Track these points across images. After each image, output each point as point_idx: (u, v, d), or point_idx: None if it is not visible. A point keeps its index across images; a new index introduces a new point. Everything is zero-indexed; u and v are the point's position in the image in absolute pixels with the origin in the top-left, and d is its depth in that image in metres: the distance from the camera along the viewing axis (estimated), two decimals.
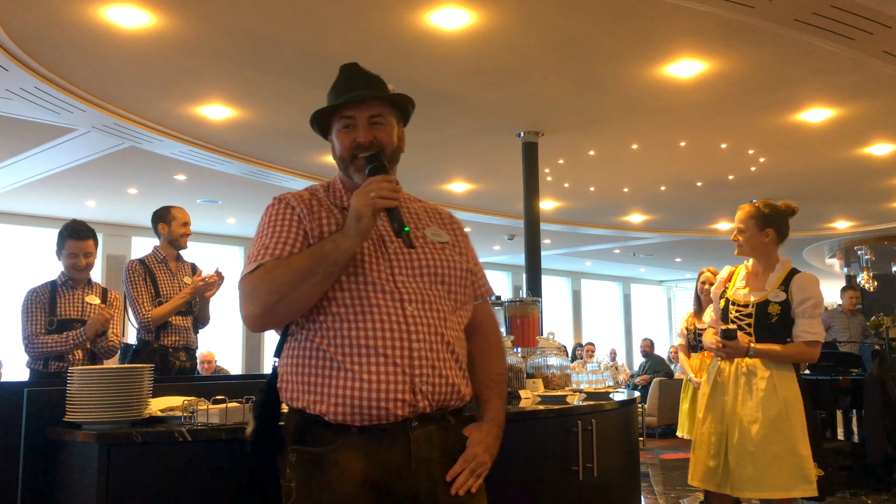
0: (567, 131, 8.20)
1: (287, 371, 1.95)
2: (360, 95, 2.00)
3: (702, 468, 3.51)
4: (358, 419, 1.83)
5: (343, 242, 1.84)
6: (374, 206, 1.83)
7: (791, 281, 3.55)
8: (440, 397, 1.90)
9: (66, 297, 4.26)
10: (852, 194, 11.65)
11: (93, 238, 4.31)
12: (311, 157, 9.10)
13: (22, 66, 6.12)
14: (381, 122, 2.02)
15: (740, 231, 3.66)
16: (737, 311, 3.60)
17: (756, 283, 3.64)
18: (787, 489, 3.35)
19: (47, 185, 10.25)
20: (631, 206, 12.41)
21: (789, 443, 3.38)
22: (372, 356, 1.83)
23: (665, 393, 10.67)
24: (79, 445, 2.20)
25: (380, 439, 1.85)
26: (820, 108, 7.45)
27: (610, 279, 22.72)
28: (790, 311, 3.53)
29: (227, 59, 6.16)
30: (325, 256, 1.82)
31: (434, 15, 5.33)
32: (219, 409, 2.36)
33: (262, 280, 1.84)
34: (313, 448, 1.86)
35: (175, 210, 4.91)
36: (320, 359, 1.88)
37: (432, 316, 1.92)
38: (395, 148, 2.04)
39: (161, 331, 4.64)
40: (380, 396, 1.82)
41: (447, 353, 1.92)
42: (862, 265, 15.15)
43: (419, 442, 1.87)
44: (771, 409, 3.41)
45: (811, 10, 5.10)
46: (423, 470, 1.87)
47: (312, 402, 1.86)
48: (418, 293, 1.92)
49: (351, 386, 1.83)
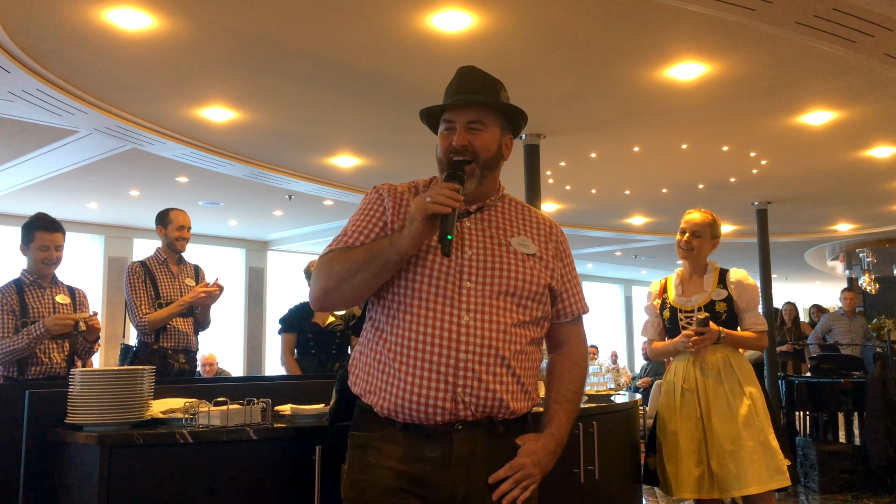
0: (569, 134, 8.20)
1: (355, 356, 2.07)
2: (462, 100, 2.04)
3: (689, 478, 3.52)
4: (401, 416, 1.90)
5: (397, 243, 1.87)
6: (426, 211, 1.82)
7: (726, 278, 3.71)
8: (484, 409, 1.90)
9: (36, 297, 4.10)
10: (854, 197, 11.65)
11: (62, 232, 4.19)
12: (312, 159, 9.11)
13: (24, 68, 6.13)
14: (479, 128, 2.03)
15: (695, 235, 3.75)
16: (686, 316, 3.67)
17: (692, 288, 3.77)
18: (765, 483, 3.42)
19: (49, 187, 10.25)
20: (632, 208, 12.40)
21: (762, 436, 3.47)
22: (417, 361, 1.88)
23: None
24: (80, 447, 2.20)
25: (422, 437, 1.90)
26: (821, 110, 7.44)
27: (611, 281, 22.71)
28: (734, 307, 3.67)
29: (229, 62, 6.17)
30: (380, 254, 1.88)
31: (436, 17, 5.34)
32: (220, 411, 2.36)
33: (326, 264, 1.94)
34: (363, 433, 1.96)
35: (173, 213, 4.90)
36: (378, 353, 1.96)
37: (490, 328, 1.90)
38: (491, 155, 2.05)
39: (161, 333, 4.64)
40: (419, 401, 1.87)
41: (499, 367, 1.90)
42: (863, 268, 15.14)
43: (462, 442, 1.89)
44: (741, 406, 3.49)
45: (812, 13, 5.10)
46: (462, 471, 1.88)
47: (366, 391, 1.97)
48: (481, 303, 1.91)
49: (396, 385, 1.89)
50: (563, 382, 2.12)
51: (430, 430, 1.89)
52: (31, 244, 4.13)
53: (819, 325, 9.78)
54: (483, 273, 1.95)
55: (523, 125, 2.18)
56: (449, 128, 2.04)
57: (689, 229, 3.78)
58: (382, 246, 1.88)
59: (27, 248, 4.15)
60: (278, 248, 15.37)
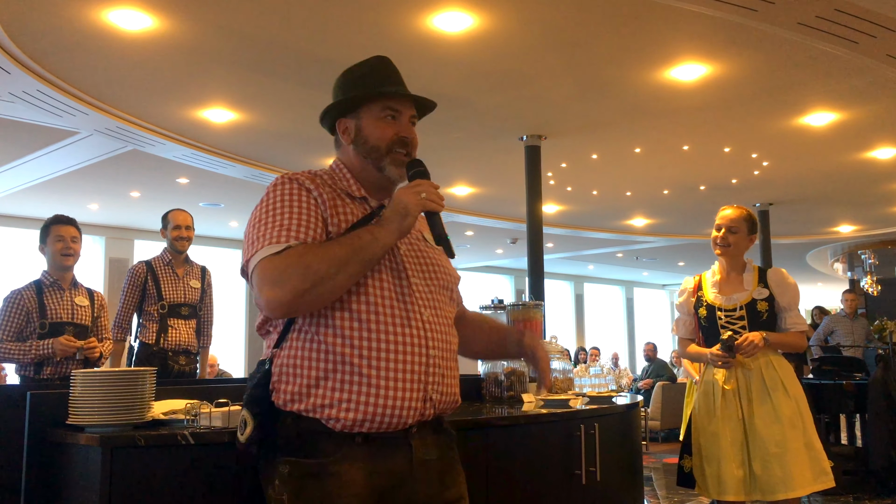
0: (570, 135, 8.20)
1: (288, 368, 1.82)
2: (412, 95, 1.98)
3: (733, 481, 3.46)
4: (367, 426, 1.76)
5: (382, 236, 1.77)
6: (424, 206, 1.80)
7: (767, 277, 3.65)
8: (444, 405, 1.89)
9: (55, 298, 4.12)
10: (856, 198, 11.64)
11: (77, 227, 4.22)
12: (313, 159, 9.10)
13: (24, 69, 6.13)
14: (415, 122, 2.02)
15: (731, 231, 3.65)
16: (726, 315, 3.60)
17: (731, 286, 3.67)
18: (811, 484, 3.38)
19: (50, 188, 10.26)
20: (634, 209, 12.40)
21: (806, 438, 3.43)
22: (391, 361, 1.77)
23: (668, 397, 10.64)
24: (81, 448, 2.19)
25: (383, 448, 1.79)
26: (823, 111, 7.44)
27: (613, 283, 22.71)
28: (775, 306, 3.60)
29: (230, 63, 6.17)
30: (364, 248, 1.74)
31: (437, 18, 5.33)
32: (221, 413, 2.35)
33: (294, 265, 1.70)
34: (310, 460, 1.76)
35: (171, 214, 4.93)
36: (331, 361, 1.77)
37: (442, 321, 1.90)
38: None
39: (161, 335, 4.67)
40: (395, 404, 1.76)
41: (452, 361, 1.92)
42: (865, 269, 15.13)
43: (419, 447, 1.84)
44: (786, 408, 3.45)
45: (814, 14, 5.09)
46: (422, 474, 1.85)
47: (318, 405, 1.76)
48: (430, 299, 1.89)
49: (366, 392, 1.75)
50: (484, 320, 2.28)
51: (390, 439, 1.80)
52: (48, 239, 4.17)
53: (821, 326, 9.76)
54: (421, 269, 1.92)
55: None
56: (394, 116, 1.96)
57: (724, 225, 3.67)
58: (364, 240, 1.75)
59: (45, 245, 4.19)
60: None
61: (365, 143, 1.96)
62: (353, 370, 1.76)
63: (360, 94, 1.98)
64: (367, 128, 1.96)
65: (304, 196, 1.84)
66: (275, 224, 1.78)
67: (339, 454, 1.76)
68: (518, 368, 3.55)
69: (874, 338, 9.09)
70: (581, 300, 21.48)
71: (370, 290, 1.81)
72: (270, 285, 1.72)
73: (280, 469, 1.78)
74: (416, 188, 1.83)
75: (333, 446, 1.76)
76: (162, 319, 4.73)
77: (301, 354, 1.81)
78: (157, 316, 4.72)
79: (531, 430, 2.94)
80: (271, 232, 1.77)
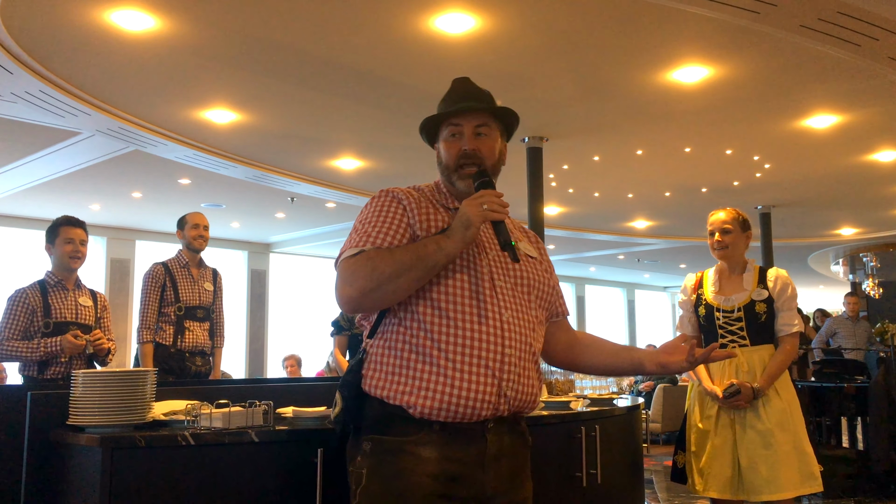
0: (572, 137, 8.20)
1: (378, 358, 1.99)
2: (469, 106, 2.08)
3: (720, 478, 3.49)
4: (443, 415, 1.89)
5: (446, 246, 1.89)
6: (485, 217, 1.89)
7: (766, 277, 3.65)
8: (519, 403, 1.98)
9: (59, 298, 4.14)
10: (858, 201, 11.63)
11: (85, 230, 4.24)
12: (315, 161, 9.11)
13: (26, 69, 6.14)
14: (486, 133, 2.09)
15: (725, 232, 3.67)
16: (724, 316, 3.61)
17: (731, 286, 3.68)
18: (798, 487, 3.39)
19: (52, 188, 10.27)
20: (635, 211, 12.40)
21: (795, 440, 3.44)
22: (467, 356, 1.90)
23: (669, 399, 10.63)
24: (82, 449, 2.19)
25: (458, 437, 1.91)
26: (825, 114, 7.43)
27: (614, 285, 22.70)
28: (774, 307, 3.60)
29: (232, 63, 6.17)
30: (427, 256, 1.88)
31: (439, 20, 5.34)
32: (222, 413, 2.36)
33: (363, 266, 1.90)
34: (391, 437, 1.92)
35: (189, 215, 5.05)
36: (415, 351, 1.93)
37: (523, 325, 1.99)
38: (495, 161, 2.11)
39: (179, 336, 4.75)
40: (469, 395, 1.88)
41: (531, 363, 2.00)
42: (867, 272, 15.11)
43: (493, 443, 1.95)
44: (776, 410, 3.46)
45: (817, 17, 5.09)
46: (493, 470, 1.95)
47: (399, 392, 1.92)
48: (514, 301, 2.00)
49: (443, 382, 1.89)
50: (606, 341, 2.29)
51: (466, 429, 1.92)
52: (57, 240, 4.17)
53: (823, 329, 9.75)
54: (508, 274, 2.03)
55: (515, 129, 2.25)
56: (455, 133, 2.09)
57: (716, 228, 3.69)
58: (429, 249, 1.89)
59: (52, 246, 4.20)
60: (280, 250, 15.38)
61: (441, 164, 2.13)
62: (431, 361, 1.91)
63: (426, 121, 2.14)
64: (442, 150, 2.13)
65: (393, 206, 2.03)
66: (360, 231, 2.00)
67: (418, 436, 1.91)
68: None
69: (876, 341, 9.08)
70: (582, 302, 21.48)
71: (453, 288, 1.95)
72: (343, 283, 1.93)
73: (364, 446, 1.96)
74: (478, 199, 1.92)
75: (413, 429, 1.91)
76: (179, 321, 4.79)
77: (387, 345, 1.98)
78: (173, 318, 4.78)
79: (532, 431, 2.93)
80: (355, 237, 1.99)
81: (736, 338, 3.58)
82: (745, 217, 3.76)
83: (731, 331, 3.60)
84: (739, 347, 3.56)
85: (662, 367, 2.12)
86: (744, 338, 3.58)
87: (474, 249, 2.01)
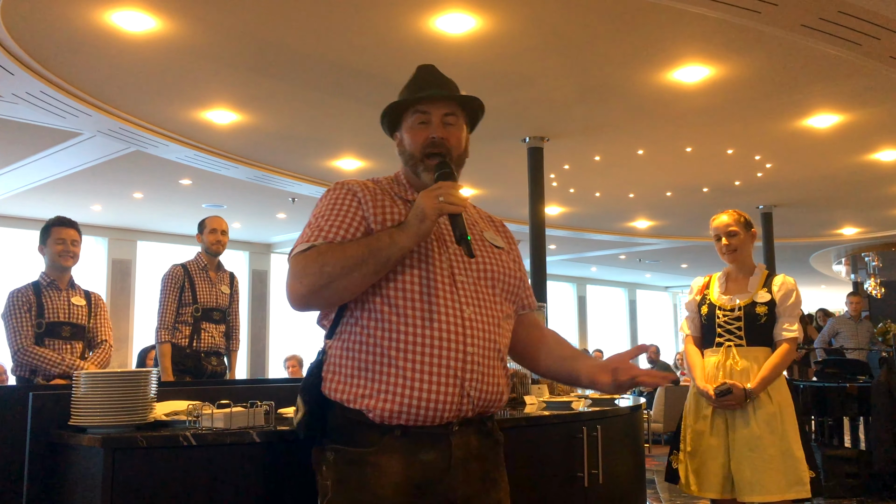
0: (572, 137, 8.19)
1: (336, 360, 1.91)
2: (438, 93, 2.01)
3: (713, 479, 3.50)
4: (404, 419, 1.82)
5: (400, 239, 1.81)
6: (441, 210, 1.81)
7: (772, 282, 3.65)
8: (484, 403, 1.90)
9: (52, 298, 4.16)
10: (859, 200, 11.63)
11: (78, 230, 4.26)
12: (316, 161, 9.11)
13: (28, 70, 6.14)
14: (453, 122, 2.02)
15: (731, 235, 3.68)
16: (724, 315, 3.62)
17: (737, 288, 3.70)
18: (782, 491, 3.38)
19: (53, 189, 10.28)
20: (637, 211, 12.39)
21: (784, 445, 3.43)
22: (427, 356, 1.82)
23: (671, 399, 10.62)
24: (84, 449, 2.19)
25: (421, 441, 1.84)
26: (827, 113, 7.43)
27: (615, 285, 22.69)
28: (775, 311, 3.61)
29: (233, 64, 6.17)
30: (380, 249, 1.80)
31: (439, 20, 5.33)
32: (223, 414, 2.35)
33: (314, 261, 1.82)
34: (353, 448, 1.85)
35: (208, 219, 5.10)
36: (373, 352, 1.85)
37: (487, 321, 1.91)
38: (461, 152, 2.04)
39: (195, 337, 4.81)
40: (430, 398, 1.81)
41: (497, 360, 1.92)
42: (869, 272, 15.10)
43: (459, 446, 1.88)
44: (766, 413, 3.47)
45: (818, 16, 5.08)
46: (461, 473, 1.88)
47: (359, 395, 1.85)
48: (475, 297, 1.91)
49: (402, 384, 1.81)
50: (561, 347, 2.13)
51: (429, 433, 1.85)
52: (49, 240, 4.20)
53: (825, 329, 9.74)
54: (469, 268, 1.95)
55: (477, 124, 2.16)
56: (423, 121, 2.00)
57: (722, 233, 3.70)
58: (382, 242, 1.81)
59: (45, 246, 4.22)
60: (282, 250, 15.38)
61: (405, 153, 2.04)
62: (389, 362, 1.83)
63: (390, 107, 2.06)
64: (406, 138, 2.03)
65: (347, 199, 1.95)
66: (313, 225, 1.92)
67: (379, 445, 1.84)
68: (520, 371, 3.54)
69: (878, 340, 9.08)
70: (584, 302, 21.47)
71: (410, 285, 1.87)
72: (292, 279, 1.85)
73: (327, 455, 1.90)
74: (435, 191, 1.83)
75: (374, 437, 1.84)
76: (196, 323, 4.84)
77: (346, 346, 1.90)
78: (190, 320, 4.83)
79: (533, 432, 2.93)
80: (308, 232, 1.91)
81: (733, 337, 3.59)
82: (746, 217, 3.77)
83: (728, 329, 3.62)
84: (735, 347, 3.57)
85: (593, 385, 2.00)
86: (741, 337, 3.59)
87: (434, 244, 1.92)
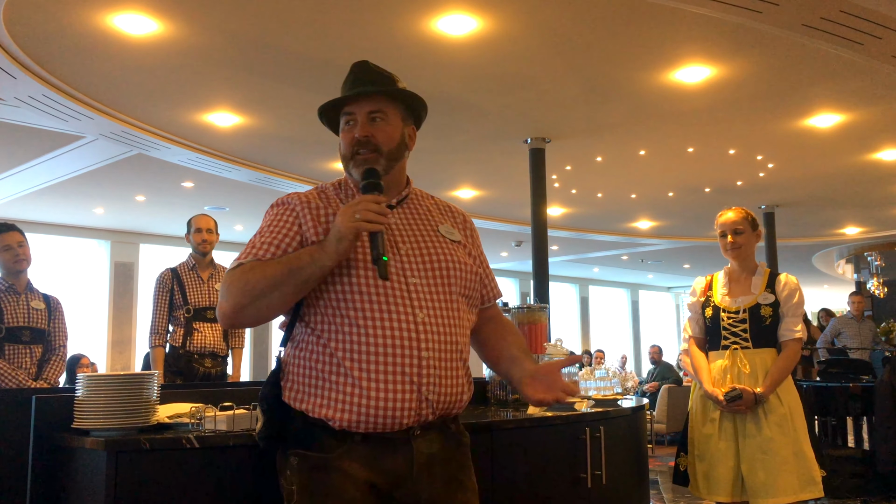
0: (574, 137, 8.19)
1: (293, 369, 1.91)
2: (359, 91, 1.95)
3: (724, 481, 3.48)
4: (363, 426, 1.81)
5: (320, 258, 1.78)
6: (357, 229, 1.75)
7: (775, 282, 3.63)
8: (444, 406, 1.88)
9: (11, 303, 4.17)
10: (862, 200, 11.61)
11: (19, 231, 4.28)
12: (317, 163, 9.11)
13: (30, 73, 6.15)
14: (380, 117, 1.96)
15: (737, 233, 3.66)
16: (729, 317, 3.60)
17: (740, 289, 3.67)
18: (796, 492, 3.37)
19: (55, 192, 10.29)
20: (639, 212, 12.38)
21: (795, 446, 3.42)
22: (381, 364, 1.80)
23: (674, 400, 10.61)
24: (87, 452, 2.19)
25: (382, 447, 1.83)
26: (828, 113, 7.42)
27: (618, 285, 22.66)
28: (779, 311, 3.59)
29: (234, 67, 6.18)
30: (301, 269, 1.78)
31: (441, 21, 5.34)
32: (226, 416, 2.35)
33: (238, 280, 1.81)
34: (316, 453, 1.84)
35: (193, 219, 5.07)
36: (328, 363, 1.84)
37: (443, 322, 1.88)
38: (395, 146, 1.98)
39: (187, 337, 4.78)
40: (387, 405, 1.80)
41: (456, 361, 1.90)
42: (872, 271, 15.07)
43: (422, 450, 1.87)
44: (776, 414, 3.45)
45: (820, 15, 5.08)
46: (424, 477, 1.87)
47: (318, 405, 1.84)
48: (430, 297, 1.88)
49: (358, 393, 1.80)
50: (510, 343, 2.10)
51: (390, 439, 1.83)
52: None
53: (828, 328, 9.73)
54: (424, 267, 1.91)
55: (424, 115, 2.10)
56: (350, 121, 1.96)
57: (728, 230, 3.68)
58: (302, 261, 1.78)
59: None
60: None
61: (341, 154, 2.00)
62: (344, 372, 1.82)
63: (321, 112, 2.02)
64: (340, 140, 2.01)
65: (284, 215, 1.93)
66: (250, 242, 1.91)
67: (342, 450, 1.83)
68: None
69: (881, 340, 9.07)
70: (586, 303, 21.45)
71: (360, 294, 1.84)
72: (220, 297, 1.86)
73: (290, 460, 1.88)
74: (352, 208, 1.77)
75: (336, 442, 1.83)
76: (188, 323, 4.82)
77: (301, 355, 1.90)
78: (183, 320, 4.82)
79: (536, 433, 2.93)
80: (245, 249, 1.90)
81: (739, 339, 3.58)
82: (753, 216, 3.75)
83: (734, 332, 3.60)
84: (742, 349, 3.56)
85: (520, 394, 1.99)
86: (746, 340, 3.57)
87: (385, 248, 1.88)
